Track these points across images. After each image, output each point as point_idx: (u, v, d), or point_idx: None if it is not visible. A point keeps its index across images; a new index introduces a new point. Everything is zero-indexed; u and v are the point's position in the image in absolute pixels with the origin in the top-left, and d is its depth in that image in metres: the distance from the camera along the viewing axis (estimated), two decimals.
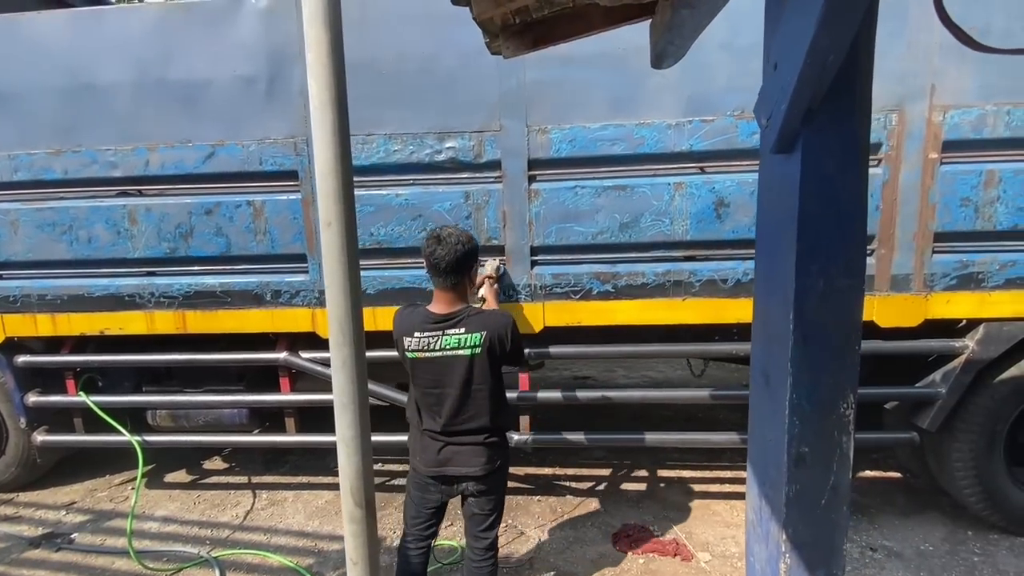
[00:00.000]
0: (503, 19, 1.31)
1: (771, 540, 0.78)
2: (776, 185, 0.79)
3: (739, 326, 2.70)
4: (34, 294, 2.94)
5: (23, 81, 2.74)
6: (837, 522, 0.78)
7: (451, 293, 1.91)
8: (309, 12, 0.77)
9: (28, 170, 2.81)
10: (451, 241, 1.85)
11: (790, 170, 0.73)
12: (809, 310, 0.74)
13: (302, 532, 2.95)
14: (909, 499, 3.07)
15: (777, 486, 0.78)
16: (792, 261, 0.74)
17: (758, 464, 0.86)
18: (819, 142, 0.71)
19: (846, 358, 0.75)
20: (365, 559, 0.86)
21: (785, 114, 0.71)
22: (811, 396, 0.76)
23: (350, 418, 0.84)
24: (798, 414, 0.76)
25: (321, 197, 0.82)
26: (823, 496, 0.76)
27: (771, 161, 0.78)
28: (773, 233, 0.80)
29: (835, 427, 0.76)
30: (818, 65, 0.64)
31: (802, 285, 0.74)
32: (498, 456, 1.99)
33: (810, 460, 0.76)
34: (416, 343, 1.89)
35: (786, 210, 0.75)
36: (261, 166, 2.70)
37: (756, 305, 0.89)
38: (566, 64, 2.45)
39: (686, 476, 3.37)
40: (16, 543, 2.91)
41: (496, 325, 1.91)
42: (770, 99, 0.75)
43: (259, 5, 2.59)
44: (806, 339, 0.74)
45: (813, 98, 0.69)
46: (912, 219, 2.45)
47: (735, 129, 2.45)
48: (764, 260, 0.84)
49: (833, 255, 0.73)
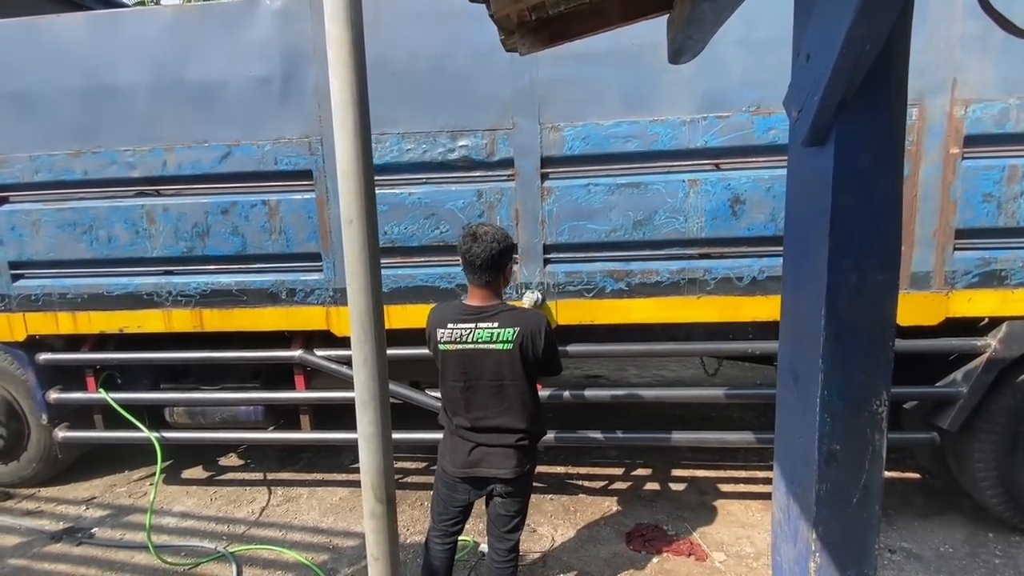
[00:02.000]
0: (519, 15, 1.31)
1: (800, 539, 0.77)
2: (807, 179, 0.77)
3: (754, 324, 2.68)
4: (55, 293, 2.99)
5: (43, 83, 2.79)
6: (869, 521, 0.77)
7: (486, 289, 1.91)
8: (331, 11, 0.78)
9: (49, 171, 2.86)
10: (487, 239, 1.84)
11: (822, 163, 0.72)
12: (841, 306, 0.73)
13: (317, 528, 2.98)
14: (928, 500, 3.02)
15: (807, 484, 0.77)
16: (824, 256, 0.72)
17: (786, 462, 0.85)
18: (853, 134, 0.69)
19: (880, 355, 0.74)
20: (386, 555, 0.87)
21: (818, 106, 0.69)
22: (843, 393, 0.74)
23: (371, 415, 0.84)
24: (829, 411, 0.74)
25: (343, 195, 0.82)
26: (855, 495, 0.75)
27: (801, 154, 0.77)
28: (803, 228, 0.78)
29: (868, 425, 0.75)
30: (854, 55, 0.62)
31: (834, 281, 0.72)
32: (528, 460, 1.98)
33: (841, 458, 0.75)
34: (449, 335, 1.88)
35: (817, 204, 0.73)
36: (276, 166, 2.72)
37: (784, 302, 0.88)
38: (579, 61, 2.44)
39: (700, 476, 3.34)
40: (38, 537, 2.97)
41: (530, 323, 1.89)
42: (801, 91, 0.74)
43: (274, 6, 2.61)
44: (838, 335, 0.73)
45: (848, 89, 0.67)
46: (933, 215, 2.41)
47: (751, 125, 2.42)
48: (793, 255, 0.82)
49: (867, 250, 0.72)
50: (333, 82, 0.80)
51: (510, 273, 2.01)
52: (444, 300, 2.73)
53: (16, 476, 3.41)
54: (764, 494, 3.13)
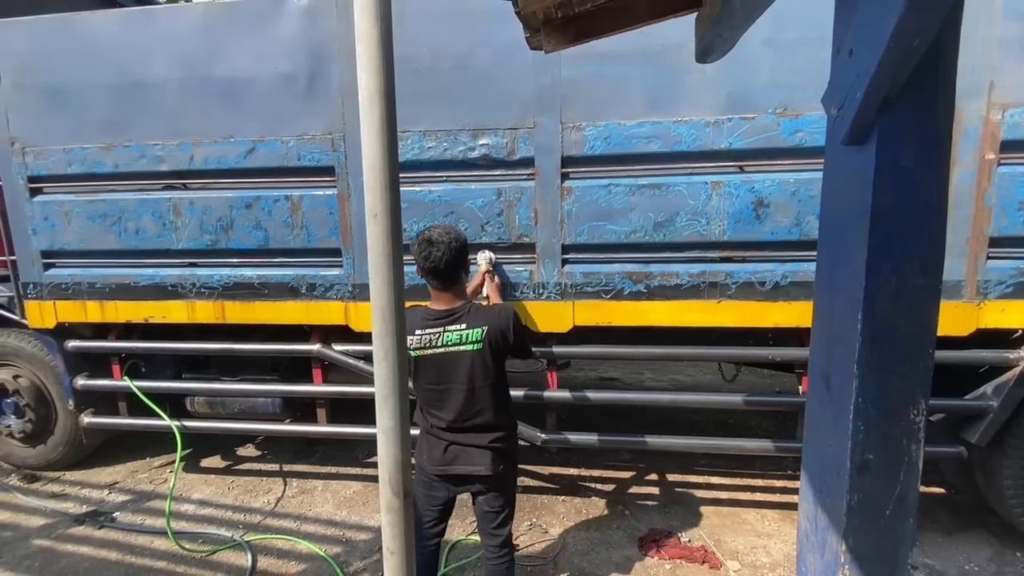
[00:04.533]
0: (545, 13, 1.30)
1: (828, 550, 0.75)
2: (845, 178, 0.75)
3: (775, 330, 2.63)
4: (84, 282, 3.08)
5: (78, 78, 2.87)
6: (903, 534, 0.74)
7: (450, 292, 1.92)
8: (360, 6, 0.78)
9: (81, 163, 2.94)
10: (444, 241, 1.84)
11: (863, 162, 0.70)
12: (880, 310, 0.70)
13: (331, 521, 3.01)
14: (953, 516, 2.93)
15: (837, 494, 0.74)
16: (862, 258, 0.70)
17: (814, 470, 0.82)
18: (897, 132, 0.67)
19: (919, 362, 0.71)
20: (402, 548, 0.87)
21: (860, 103, 0.67)
22: (878, 401, 0.72)
23: (391, 409, 0.85)
24: (863, 419, 0.72)
25: (368, 189, 0.83)
26: (888, 506, 0.72)
27: (840, 153, 0.75)
28: (840, 228, 0.76)
29: (904, 434, 0.72)
30: (901, 50, 0.60)
31: (872, 284, 0.70)
32: (505, 455, 1.98)
33: (875, 468, 0.73)
34: (418, 340, 1.90)
35: (856, 204, 0.71)
36: (299, 161, 2.76)
37: (817, 304, 0.86)
38: (602, 61, 2.43)
39: (715, 483, 3.30)
40: (62, 519, 3.06)
41: (497, 319, 1.91)
42: (842, 88, 0.72)
43: (300, 3, 2.64)
44: (875, 340, 0.71)
45: (892, 86, 0.65)
46: (965, 223, 2.33)
47: (777, 127, 2.38)
48: (828, 257, 0.80)
49: (908, 253, 0.69)
50: (361, 76, 0.80)
51: (468, 270, 2.03)
52: None
53: (43, 459, 3.51)
54: (781, 504, 3.07)
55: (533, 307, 2.71)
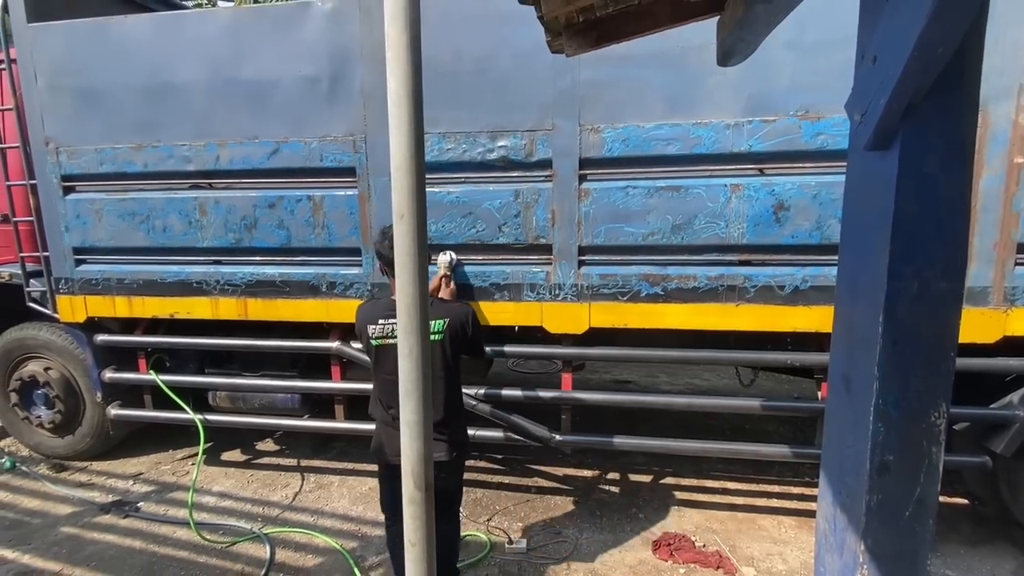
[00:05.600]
0: (567, 17, 1.32)
1: (847, 550, 0.75)
2: (868, 183, 0.75)
3: (794, 335, 2.60)
4: (114, 278, 3.17)
5: (110, 80, 2.97)
6: (922, 536, 0.74)
7: None
8: (390, 13, 0.81)
9: (112, 163, 3.04)
10: None
11: (886, 167, 0.70)
12: (901, 313, 0.71)
13: (347, 516, 3.06)
14: (976, 527, 2.86)
15: (856, 495, 0.75)
16: (884, 261, 0.71)
17: (834, 471, 0.82)
18: (920, 138, 0.67)
19: (940, 364, 0.71)
20: (423, 540, 0.89)
21: (884, 109, 0.68)
22: (899, 403, 0.72)
23: (414, 403, 0.87)
24: (883, 421, 0.72)
25: (395, 190, 0.85)
26: (908, 507, 0.72)
27: (863, 158, 0.75)
28: (862, 232, 0.76)
29: (924, 436, 0.73)
30: (926, 58, 0.60)
31: (894, 287, 0.71)
32: (456, 445, 2.12)
33: (895, 469, 0.73)
34: (380, 330, 2.00)
35: (879, 209, 0.72)
36: (321, 162, 2.81)
37: (838, 307, 0.86)
38: (622, 63, 2.43)
39: (731, 488, 3.27)
40: (89, 508, 3.15)
41: (458, 313, 2.05)
42: (866, 94, 0.72)
43: (324, 8, 2.70)
44: (896, 343, 0.71)
45: (916, 93, 0.65)
46: (993, 228, 2.29)
47: (798, 130, 2.36)
48: (849, 261, 0.80)
49: (930, 257, 0.70)
50: (390, 81, 0.82)
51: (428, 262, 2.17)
52: (478, 298, 2.77)
53: (71, 449, 3.63)
54: (798, 511, 3.04)
55: (549, 308, 2.72)
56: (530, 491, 3.27)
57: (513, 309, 2.76)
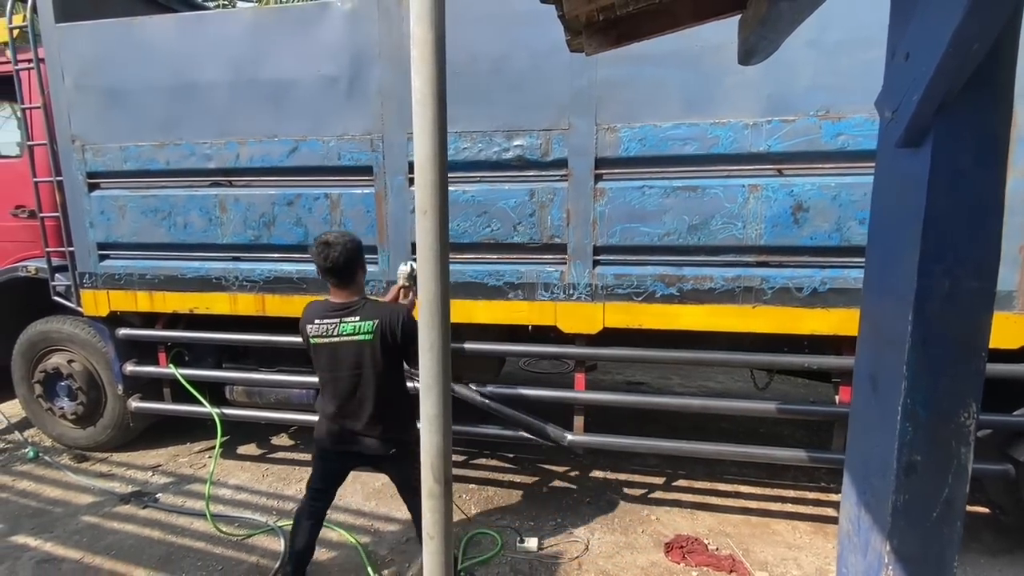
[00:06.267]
0: (588, 16, 1.32)
1: (871, 551, 0.75)
2: (898, 180, 0.74)
3: (811, 338, 2.57)
4: (136, 273, 3.24)
5: (135, 79, 3.03)
6: (950, 538, 0.73)
7: (347, 288, 2.13)
8: (416, 13, 0.82)
9: (136, 160, 3.10)
10: (340, 242, 2.07)
11: (917, 165, 0.69)
12: (931, 312, 0.70)
13: (360, 511, 3.08)
14: (998, 537, 2.80)
15: (882, 495, 0.74)
16: (914, 260, 0.70)
17: (858, 471, 0.82)
18: (953, 135, 0.66)
19: (970, 364, 0.70)
20: (441, 533, 0.90)
21: (916, 107, 0.67)
22: (927, 402, 0.71)
23: (435, 398, 0.88)
24: (911, 420, 0.71)
25: (418, 187, 0.86)
26: (935, 509, 0.71)
27: (893, 156, 0.74)
28: (891, 230, 0.76)
29: (953, 437, 0.72)
30: (960, 55, 0.60)
31: (924, 286, 0.70)
32: (394, 442, 2.19)
33: (922, 470, 0.72)
34: (317, 329, 2.10)
35: (909, 207, 0.71)
36: (339, 161, 2.84)
37: (865, 306, 0.85)
38: (639, 62, 2.42)
39: (744, 492, 3.24)
40: (109, 498, 3.22)
41: (390, 315, 2.10)
42: (898, 91, 0.71)
43: (344, 8, 2.73)
44: (926, 342, 0.70)
45: (950, 89, 0.65)
46: (1019, 231, 2.23)
47: (818, 130, 2.33)
48: (877, 259, 0.80)
49: (962, 255, 0.69)
50: (415, 80, 0.83)
51: (364, 268, 2.23)
52: (492, 297, 2.78)
53: (92, 440, 3.71)
54: (814, 516, 3.00)
55: (563, 308, 2.72)
56: (542, 491, 3.28)
57: (527, 308, 2.76)
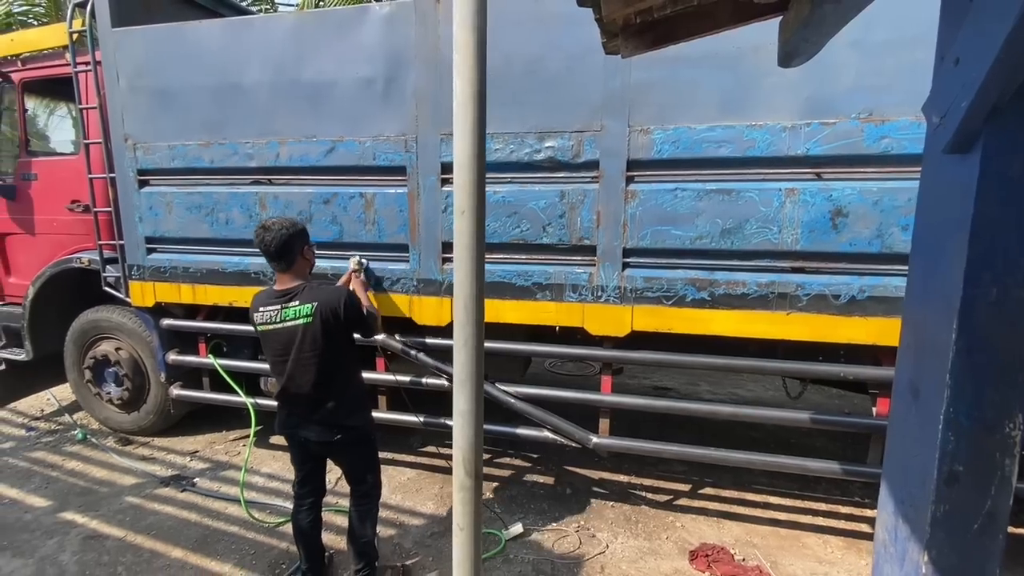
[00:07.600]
0: (625, 19, 1.32)
1: (908, 561, 0.73)
2: (945, 186, 0.73)
3: (847, 347, 2.49)
4: (180, 267, 3.39)
5: (183, 81, 3.17)
6: (992, 551, 0.70)
7: (288, 274, 2.19)
8: (459, 17, 0.84)
9: (183, 159, 3.25)
10: (276, 227, 2.13)
11: (965, 171, 0.68)
12: (977, 320, 0.68)
13: (385, 504, 3.13)
14: None
15: (921, 505, 0.72)
16: (960, 267, 0.68)
17: (896, 480, 0.80)
18: (1004, 141, 0.65)
19: (1018, 374, 0.68)
20: (471, 525, 0.92)
21: (966, 112, 0.65)
22: (971, 412, 0.70)
23: (468, 393, 0.90)
24: (954, 430, 0.70)
25: (457, 187, 0.88)
26: (976, 520, 0.69)
27: (941, 161, 0.73)
28: (936, 237, 0.74)
29: (998, 448, 0.69)
30: (1013, 60, 0.58)
31: (970, 294, 0.68)
32: (340, 427, 2.21)
33: (964, 480, 0.70)
34: (262, 316, 2.17)
35: (956, 213, 0.69)
36: (374, 161, 2.91)
37: (907, 314, 0.83)
38: (674, 64, 2.40)
39: (774, 503, 3.16)
40: (150, 480, 3.37)
41: (328, 297, 2.14)
42: (947, 96, 0.70)
43: (382, 12, 2.79)
44: (971, 351, 0.68)
45: (1001, 95, 0.63)
46: None
47: (860, 133, 2.27)
48: (921, 266, 0.78)
49: (1011, 263, 0.67)
50: (457, 81, 0.86)
51: (310, 255, 2.28)
52: (520, 297, 2.80)
53: (135, 425, 3.89)
54: (847, 531, 2.91)
55: (591, 310, 2.72)
56: (565, 492, 3.27)
57: (554, 309, 2.77)
